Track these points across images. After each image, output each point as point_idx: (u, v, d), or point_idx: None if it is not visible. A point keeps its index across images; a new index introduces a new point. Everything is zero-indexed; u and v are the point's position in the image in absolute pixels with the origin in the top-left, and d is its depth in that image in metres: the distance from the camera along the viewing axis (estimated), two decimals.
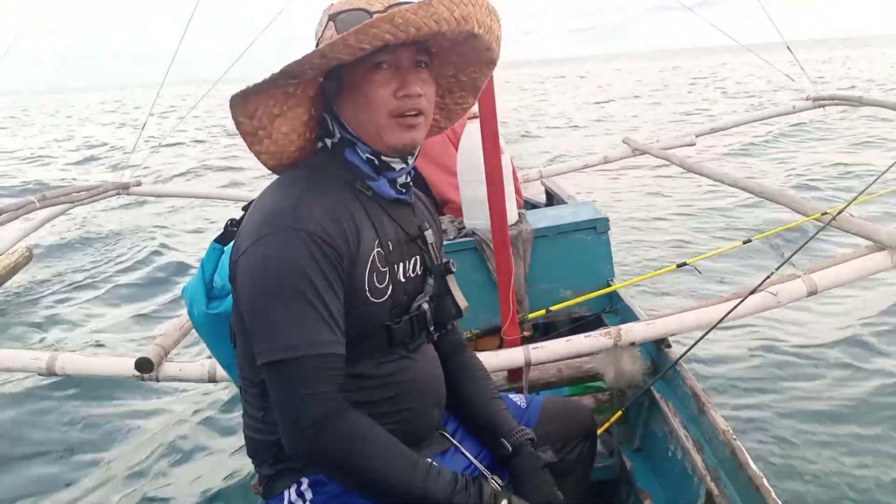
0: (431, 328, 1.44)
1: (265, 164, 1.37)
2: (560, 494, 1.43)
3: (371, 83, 1.26)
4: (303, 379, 1.20)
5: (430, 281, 1.45)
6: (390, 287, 1.35)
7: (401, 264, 1.38)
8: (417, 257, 1.43)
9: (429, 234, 1.45)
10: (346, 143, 1.34)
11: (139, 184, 5.21)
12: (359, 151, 1.34)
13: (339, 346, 1.24)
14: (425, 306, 1.42)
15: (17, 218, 4.17)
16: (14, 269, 6.03)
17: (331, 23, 1.28)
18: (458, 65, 1.43)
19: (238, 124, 1.28)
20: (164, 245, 7.48)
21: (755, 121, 5.96)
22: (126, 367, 2.25)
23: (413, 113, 1.29)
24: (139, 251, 7.38)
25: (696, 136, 5.11)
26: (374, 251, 1.32)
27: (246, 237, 1.26)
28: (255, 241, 1.23)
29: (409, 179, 1.42)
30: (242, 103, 1.25)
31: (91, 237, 8.29)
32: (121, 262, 7.05)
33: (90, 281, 6.44)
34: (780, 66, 4.88)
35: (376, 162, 1.34)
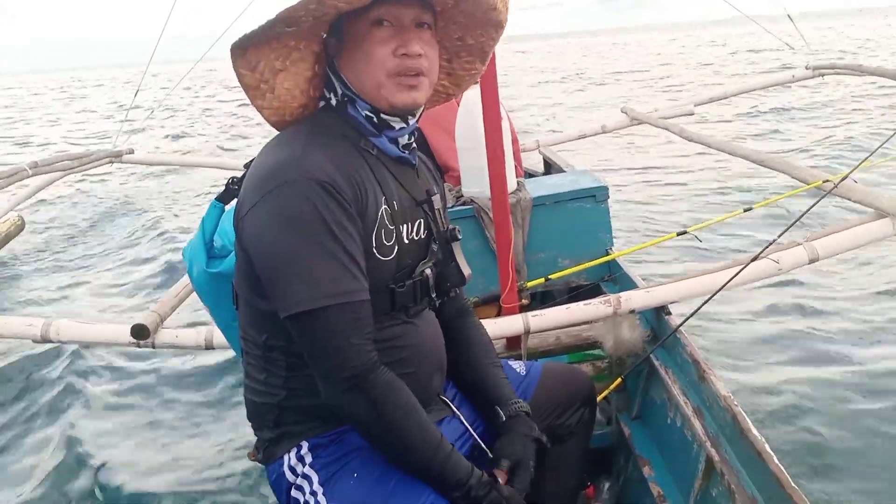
0: (433, 294, 1.43)
1: (268, 120, 1.34)
2: (531, 474, 1.41)
3: (371, 40, 1.24)
4: (333, 329, 1.19)
5: (435, 246, 1.43)
6: (396, 247, 1.33)
7: (404, 226, 1.36)
8: (421, 220, 1.41)
9: (436, 200, 1.44)
10: (347, 99, 1.32)
11: (132, 152, 5.16)
12: (359, 108, 1.31)
13: (364, 293, 1.22)
14: (428, 272, 1.41)
15: (8, 186, 4.13)
16: (6, 238, 5.99)
17: None
18: (463, 26, 1.40)
19: (240, 76, 1.25)
20: (161, 216, 7.44)
21: (754, 89, 5.92)
22: (122, 333, 2.24)
23: (413, 73, 1.26)
24: (136, 219, 7.34)
25: (695, 106, 5.08)
26: (383, 208, 1.30)
27: (251, 194, 1.24)
28: (263, 196, 1.20)
29: (411, 140, 1.40)
30: (243, 55, 1.23)
31: (85, 205, 8.24)
32: (117, 231, 7.03)
33: (85, 250, 6.43)
34: (782, 35, 4.83)
35: (375, 119, 1.31)
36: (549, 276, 2.79)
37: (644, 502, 2.04)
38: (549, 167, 4.33)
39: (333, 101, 1.34)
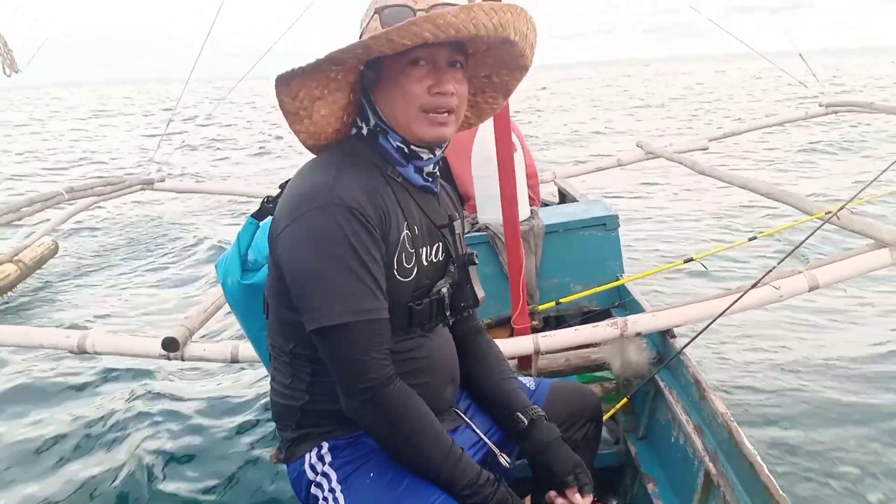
0: (448, 313, 1.53)
1: (303, 143, 1.46)
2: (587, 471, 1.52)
3: (408, 77, 1.34)
4: (354, 344, 1.30)
5: (452, 268, 1.54)
6: (416, 269, 1.43)
7: (424, 248, 1.47)
8: (440, 244, 1.52)
9: (456, 225, 1.54)
10: (379, 130, 1.43)
11: (163, 180, 5.35)
12: (390, 139, 1.42)
13: (384, 311, 1.33)
14: (444, 291, 1.51)
15: (45, 209, 4.32)
16: (40, 261, 6.14)
17: (376, 15, 1.37)
18: (492, 66, 1.52)
19: (281, 103, 1.37)
20: (194, 235, 7.64)
21: (767, 126, 6.02)
22: (153, 346, 2.36)
23: (444, 111, 1.37)
24: (168, 241, 7.54)
25: (709, 141, 5.19)
26: (404, 233, 1.40)
27: (286, 214, 1.35)
28: (296, 219, 1.32)
29: (436, 169, 1.51)
30: (286, 85, 1.34)
31: (116, 226, 8.46)
32: (148, 252, 7.20)
33: (116, 270, 6.55)
34: (802, 73, 4.93)
35: (406, 150, 1.42)
36: (560, 301, 2.88)
37: None
38: (564, 197, 4.45)
39: (365, 131, 1.45)
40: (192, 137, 17.34)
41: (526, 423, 1.56)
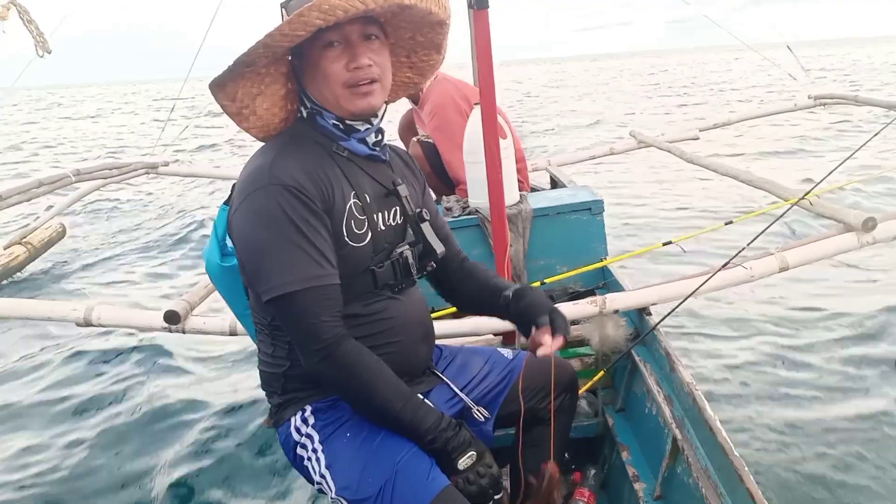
0: (414, 272, 1.63)
1: (255, 137, 1.56)
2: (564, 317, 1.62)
3: (325, 59, 1.43)
4: (303, 310, 1.40)
5: (410, 231, 1.64)
6: (369, 234, 1.53)
7: (380, 214, 1.57)
8: (397, 208, 1.62)
9: (401, 189, 1.62)
10: (315, 111, 1.53)
11: (167, 164, 5.46)
12: (326, 118, 1.52)
13: (330, 277, 1.43)
14: (407, 252, 1.61)
15: (53, 191, 4.43)
16: (49, 244, 6.27)
17: (283, 10, 1.45)
18: (411, 28, 1.56)
19: (223, 107, 1.46)
20: (198, 218, 7.80)
21: (756, 117, 6.10)
22: (156, 318, 2.47)
23: (366, 81, 1.44)
24: (173, 224, 7.69)
25: (700, 131, 5.29)
26: (351, 202, 1.50)
27: (236, 198, 1.47)
28: (242, 201, 1.43)
29: (380, 138, 1.60)
30: (222, 90, 1.43)
31: (123, 211, 8.59)
32: (154, 234, 7.36)
33: (123, 251, 6.71)
34: (796, 66, 5.01)
35: (342, 125, 1.52)
36: (545, 280, 2.99)
37: (622, 484, 2.21)
38: (555, 183, 4.55)
39: (305, 114, 1.55)
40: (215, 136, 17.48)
41: (511, 293, 1.67)
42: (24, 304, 2.69)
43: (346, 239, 1.49)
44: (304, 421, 1.57)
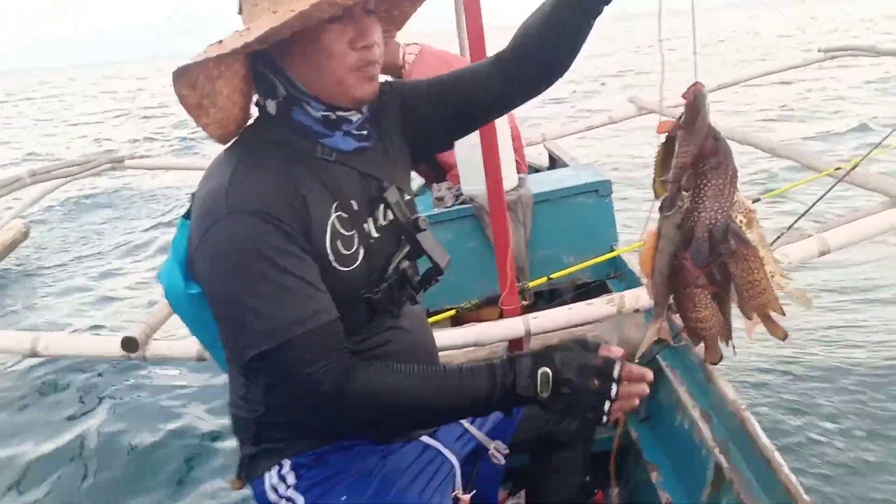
0: (415, 288, 1.35)
1: (212, 136, 1.26)
2: None
3: (328, 36, 1.16)
4: (299, 359, 1.12)
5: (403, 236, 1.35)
6: (361, 250, 1.25)
7: (370, 218, 1.29)
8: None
9: (390, 194, 1.32)
10: (293, 101, 1.23)
11: (133, 157, 5.13)
12: (310, 111, 1.23)
13: (325, 312, 1.15)
14: (405, 264, 1.33)
15: (8, 194, 4.11)
16: (11, 246, 6.01)
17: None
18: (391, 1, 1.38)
19: (182, 98, 1.17)
20: (169, 216, 7.46)
21: (763, 75, 5.78)
22: (112, 346, 2.18)
23: (374, 62, 1.22)
24: (142, 222, 7.35)
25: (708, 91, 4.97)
26: (333, 216, 1.22)
27: (195, 230, 1.18)
28: (201, 239, 1.15)
29: (365, 125, 1.32)
30: (185, 76, 1.15)
31: (90, 212, 8.27)
32: (122, 239, 7.04)
33: (90, 259, 6.44)
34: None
35: (332, 117, 1.24)
36: (552, 276, 2.70)
37: None
38: (554, 161, 4.25)
39: (273, 108, 1.25)
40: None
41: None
42: None
43: (334, 264, 1.21)
44: (282, 479, 1.32)
